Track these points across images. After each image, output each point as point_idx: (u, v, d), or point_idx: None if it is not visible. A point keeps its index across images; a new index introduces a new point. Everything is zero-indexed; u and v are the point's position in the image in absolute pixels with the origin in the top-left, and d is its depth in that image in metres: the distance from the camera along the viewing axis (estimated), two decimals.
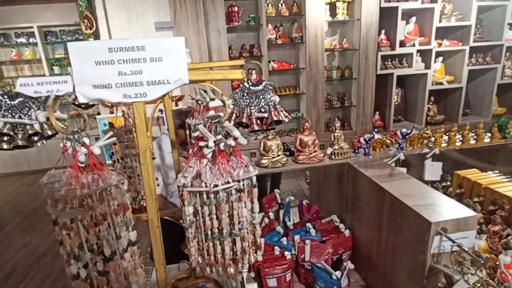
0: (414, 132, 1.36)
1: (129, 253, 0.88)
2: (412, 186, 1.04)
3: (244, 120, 0.84)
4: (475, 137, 1.42)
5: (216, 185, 0.80)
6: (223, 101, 1.02)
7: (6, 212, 4.28)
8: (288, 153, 1.38)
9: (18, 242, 3.46)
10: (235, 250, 0.90)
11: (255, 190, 0.89)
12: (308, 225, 1.36)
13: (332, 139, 1.34)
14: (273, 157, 1.29)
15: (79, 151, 0.82)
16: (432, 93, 4.50)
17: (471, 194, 1.65)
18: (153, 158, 1.32)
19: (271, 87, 0.88)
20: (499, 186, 1.59)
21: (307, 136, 1.33)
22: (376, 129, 4.18)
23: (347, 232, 1.31)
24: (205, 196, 0.84)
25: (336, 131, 1.34)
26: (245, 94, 0.87)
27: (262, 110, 0.86)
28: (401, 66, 4.37)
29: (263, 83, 0.86)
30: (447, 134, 1.40)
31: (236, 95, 0.87)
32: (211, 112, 0.88)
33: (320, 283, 1.10)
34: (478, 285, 0.76)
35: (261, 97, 0.87)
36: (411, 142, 1.38)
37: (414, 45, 4.29)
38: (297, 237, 1.28)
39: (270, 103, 0.88)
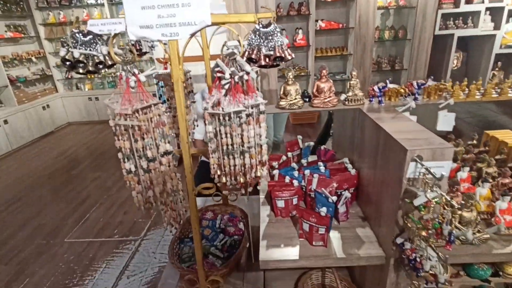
0: (430, 83, 1.40)
1: (165, 159, 1.17)
2: (408, 126, 1.14)
3: (253, 56, 1.02)
4: (498, 90, 1.40)
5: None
6: (238, 41, 1.21)
7: (81, 153, 5.13)
8: (307, 99, 1.54)
9: (90, 177, 4.21)
10: (245, 165, 1.13)
11: (262, 117, 1.09)
12: (320, 163, 1.54)
13: (348, 86, 1.45)
14: (291, 100, 1.46)
15: (130, 78, 1.09)
16: (499, 58, 4.05)
17: (496, 153, 1.64)
18: (193, 102, 1.59)
19: (279, 29, 1.03)
20: None
21: (324, 83, 1.46)
22: None
23: (353, 171, 1.46)
24: (221, 118, 1.06)
25: (352, 79, 1.44)
26: (257, 36, 1.04)
27: (270, 49, 1.03)
28: (465, 26, 3.98)
29: (272, 25, 1.02)
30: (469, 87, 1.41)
31: (250, 36, 1.05)
32: (228, 51, 1.08)
33: (319, 206, 1.29)
34: (437, 199, 0.88)
35: (270, 38, 1.03)
36: (429, 94, 1.42)
37: (483, 1, 3.84)
38: (307, 171, 1.47)
39: (279, 44, 1.04)
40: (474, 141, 1.76)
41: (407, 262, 0.99)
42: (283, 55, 1.01)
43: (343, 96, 1.44)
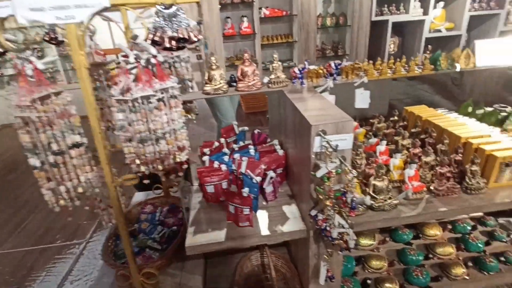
0: (346, 64, 1.47)
1: (75, 152, 1.11)
2: (320, 104, 1.19)
3: (156, 39, 0.99)
4: (407, 67, 1.52)
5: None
6: (142, 23, 1.16)
7: (20, 157, 4.69)
8: (234, 83, 1.54)
9: (29, 181, 3.87)
10: (161, 151, 1.11)
11: (175, 101, 1.07)
12: (250, 146, 1.56)
13: (271, 69, 1.47)
14: (215, 85, 1.45)
15: (26, 66, 1.01)
16: (429, 42, 4.37)
17: (413, 127, 1.78)
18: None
19: (183, 11, 1.01)
20: (436, 118, 1.71)
21: (247, 67, 1.47)
22: None
23: (281, 152, 1.50)
24: (131, 104, 1.02)
25: (274, 62, 1.47)
26: (161, 18, 1.01)
27: (175, 31, 1.00)
28: (398, 12, 4.22)
29: (174, 6, 0.99)
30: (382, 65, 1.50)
31: (154, 19, 1.01)
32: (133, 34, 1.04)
33: (245, 187, 1.31)
34: (338, 170, 0.94)
35: (175, 20, 1.01)
36: (346, 73, 1.49)
37: None
38: (237, 155, 1.49)
39: (184, 26, 1.02)
40: (396, 117, 1.90)
41: (319, 232, 1.05)
42: (187, 36, 0.99)
43: (265, 79, 1.46)
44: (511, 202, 1.30)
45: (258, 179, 1.29)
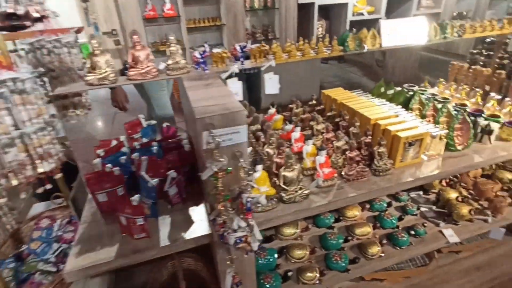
0: (252, 46, 1.35)
1: None
2: (217, 92, 1.05)
3: None
4: (316, 49, 1.46)
5: None
6: None
7: None
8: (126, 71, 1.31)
9: None
10: (11, 161, 0.87)
11: (21, 98, 0.84)
12: (154, 143, 1.37)
13: (168, 54, 1.29)
14: (100, 74, 1.21)
15: None
16: (354, 24, 4.50)
17: (330, 110, 1.75)
18: None
19: None
20: (349, 101, 1.70)
21: (139, 51, 1.25)
22: None
23: (187, 147, 1.35)
24: None
25: (172, 45, 1.28)
26: None
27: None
28: None
29: None
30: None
31: None
32: None
33: (143, 192, 1.14)
34: (230, 169, 0.82)
35: None
36: (254, 56, 1.38)
37: None
38: (135, 155, 1.29)
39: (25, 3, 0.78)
40: (314, 101, 1.85)
41: (219, 238, 0.93)
42: (15, 11, 0.76)
43: (161, 65, 1.27)
44: (413, 180, 1.33)
45: (155, 181, 1.12)
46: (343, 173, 1.33)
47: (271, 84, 1.38)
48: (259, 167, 1.15)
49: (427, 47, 5.45)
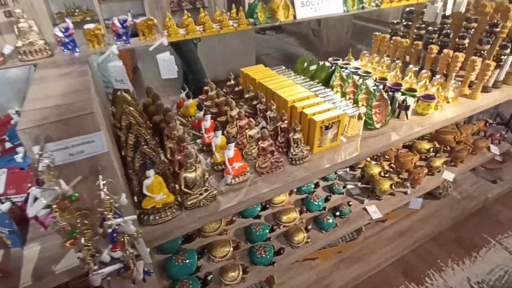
0: (136, 20, 1.09)
1: None
2: (66, 87, 0.79)
3: None
4: (220, 24, 1.25)
5: None
6: None
7: None
8: None
9: None
10: None
11: None
12: (19, 149, 1.08)
13: (17, 33, 0.97)
14: None
15: None
16: None
17: (248, 92, 1.58)
18: None
19: None
20: (268, 80, 1.54)
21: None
22: None
23: None
24: None
25: (21, 20, 0.97)
26: None
27: None
28: None
29: None
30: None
31: None
32: None
33: None
34: (76, 194, 0.61)
35: None
36: (142, 33, 1.12)
37: None
38: None
39: None
40: (232, 81, 1.66)
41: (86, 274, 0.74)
42: None
43: (7, 48, 0.95)
44: (331, 166, 1.25)
45: (6, 206, 0.86)
46: (256, 166, 1.19)
47: (165, 67, 1.14)
48: (150, 173, 0.95)
49: (360, 16, 5.49)
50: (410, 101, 1.48)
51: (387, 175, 1.82)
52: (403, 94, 1.59)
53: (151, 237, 0.95)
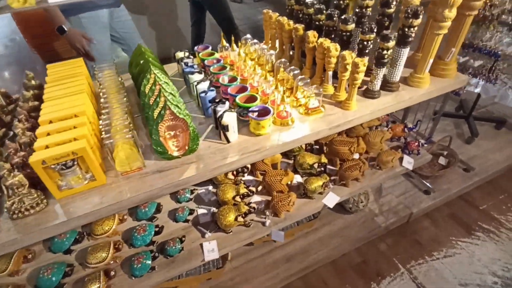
0: None
1: None
2: None
3: None
4: None
5: None
6: None
7: None
8: None
9: None
10: None
11: None
12: None
13: None
14: None
15: None
16: None
17: None
18: None
19: None
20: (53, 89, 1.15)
21: None
22: None
23: None
24: None
25: None
26: None
27: None
28: None
29: None
30: None
31: None
32: None
33: None
34: None
35: None
36: None
37: None
38: None
39: None
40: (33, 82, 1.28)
41: None
42: None
43: None
44: (67, 221, 0.89)
45: None
46: None
47: None
48: None
49: None
50: (229, 118, 1.08)
51: (243, 200, 1.46)
52: (239, 106, 1.18)
53: None
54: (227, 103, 1.15)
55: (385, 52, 1.21)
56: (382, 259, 1.94)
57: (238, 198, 1.46)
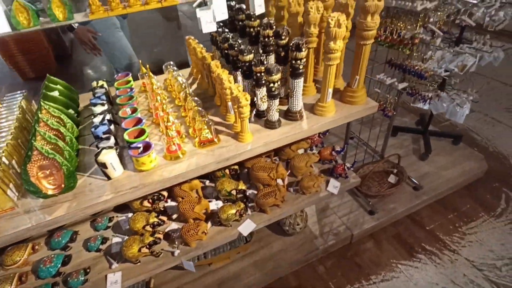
0: None
1: None
2: None
3: None
4: None
5: None
6: None
7: None
8: None
9: None
10: None
11: None
12: None
13: None
14: None
15: None
16: None
17: None
18: None
19: None
20: None
21: None
22: None
23: None
24: None
25: None
26: None
27: None
28: None
29: None
30: None
31: None
32: None
33: None
34: None
35: None
36: None
37: None
38: None
39: None
40: None
41: None
42: None
43: None
44: None
45: None
46: None
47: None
48: None
49: None
50: (106, 156, 1.09)
51: (154, 229, 1.46)
52: (127, 141, 1.19)
53: None
54: (112, 139, 1.16)
55: (271, 85, 1.21)
56: (318, 283, 1.91)
57: (148, 228, 1.46)
